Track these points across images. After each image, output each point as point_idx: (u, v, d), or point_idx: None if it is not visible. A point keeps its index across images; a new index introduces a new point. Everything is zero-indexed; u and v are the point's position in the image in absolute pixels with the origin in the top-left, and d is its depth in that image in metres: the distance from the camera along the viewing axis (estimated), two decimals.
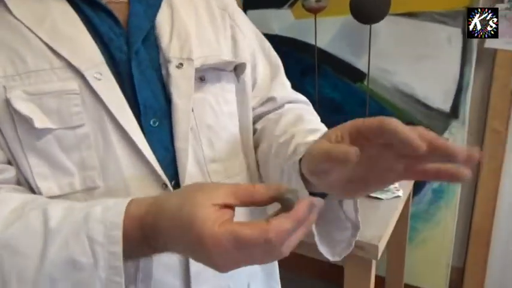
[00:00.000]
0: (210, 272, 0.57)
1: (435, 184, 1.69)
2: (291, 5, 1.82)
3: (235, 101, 0.65)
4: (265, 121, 0.70)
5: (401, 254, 1.71)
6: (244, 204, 0.39)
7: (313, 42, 1.66)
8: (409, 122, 1.65)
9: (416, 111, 1.65)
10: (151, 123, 0.53)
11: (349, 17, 1.52)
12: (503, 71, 1.44)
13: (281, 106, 0.71)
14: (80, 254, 0.39)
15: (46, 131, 0.48)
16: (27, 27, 0.48)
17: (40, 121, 0.47)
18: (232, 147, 0.62)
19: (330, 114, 1.85)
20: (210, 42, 0.60)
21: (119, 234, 0.39)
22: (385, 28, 1.60)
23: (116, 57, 0.52)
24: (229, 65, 0.61)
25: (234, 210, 0.39)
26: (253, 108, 0.70)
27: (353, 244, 0.57)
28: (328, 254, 0.58)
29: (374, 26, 1.52)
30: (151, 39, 0.55)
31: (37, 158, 0.48)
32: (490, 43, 1.43)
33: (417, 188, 1.69)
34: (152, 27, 0.56)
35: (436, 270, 1.79)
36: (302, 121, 0.64)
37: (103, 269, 0.39)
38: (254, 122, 0.70)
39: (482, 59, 1.49)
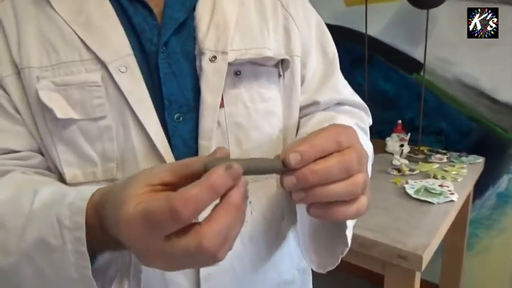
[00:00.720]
0: (223, 276, 0.53)
1: (500, 187, 1.52)
2: None
3: (278, 98, 0.59)
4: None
5: (458, 262, 1.55)
6: (183, 178, 0.35)
7: (364, 31, 1.56)
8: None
9: (480, 105, 1.49)
10: (175, 118, 0.51)
11: (404, 2, 1.40)
12: None
13: (325, 109, 0.65)
14: (51, 236, 0.40)
15: (70, 122, 0.49)
16: (64, 20, 0.49)
17: (62, 112, 0.48)
18: (263, 148, 0.57)
19: (382, 108, 1.73)
20: (253, 33, 0.56)
21: (81, 219, 0.38)
22: (445, 13, 1.44)
23: (146, 49, 0.51)
24: (269, 60, 0.55)
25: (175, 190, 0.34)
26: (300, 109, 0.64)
27: (339, 260, 0.52)
28: (313, 263, 0.53)
29: (432, 11, 1.38)
30: (188, 30, 0.53)
31: (64, 146, 0.50)
32: None
33: (479, 191, 1.53)
34: (190, 17, 0.53)
35: (498, 281, 1.61)
36: (321, 124, 0.56)
37: (71, 252, 0.39)
38: None
39: None
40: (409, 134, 1.50)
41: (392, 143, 1.51)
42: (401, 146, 1.48)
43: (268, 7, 0.58)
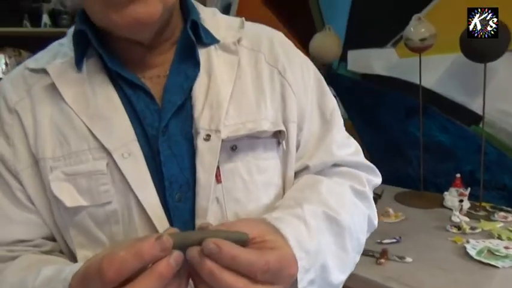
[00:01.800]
0: None
1: None
2: (395, 44, 1.73)
3: (275, 168, 0.60)
4: None
5: None
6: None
7: (418, 82, 1.55)
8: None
9: None
10: (176, 198, 0.54)
11: (459, 55, 1.39)
12: None
13: (317, 173, 0.64)
14: None
15: (80, 209, 0.53)
16: (75, 112, 0.54)
17: (71, 201, 0.52)
18: None
19: (438, 160, 1.67)
20: (249, 105, 0.58)
21: None
22: (504, 65, 1.41)
23: (148, 133, 0.54)
24: (264, 133, 0.57)
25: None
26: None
27: None
28: None
29: (490, 63, 1.35)
30: (186, 110, 0.56)
31: (76, 230, 0.54)
32: None
33: None
34: (188, 98, 0.56)
35: None
36: (303, 190, 0.58)
37: None
38: None
39: None
40: (469, 189, 1.43)
41: (451, 197, 1.45)
42: (461, 201, 1.41)
43: (265, 76, 0.60)
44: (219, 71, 0.57)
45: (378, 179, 0.70)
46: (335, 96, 1.98)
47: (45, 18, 2.45)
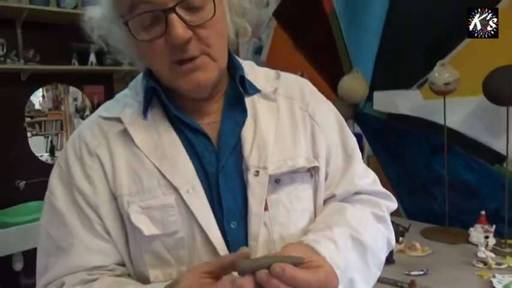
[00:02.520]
0: None
1: None
2: (420, 86, 1.84)
3: (309, 197, 0.70)
4: None
5: None
6: (220, 269, 0.52)
7: (443, 122, 1.64)
8: None
9: None
10: (232, 225, 0.63)
11: (482, 97, 1.48)
12: None
13: (342, 200, 0.74)
14: None
15: (154, 237, 0.62)
16: (145, 155, 0.64)
17: (148, 230, 0.61)
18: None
19: (463, 197, 1.73)
20: (287, 146, 0.68)
21: None
22: None
23: (207, 170, 0.64)
24: (301, 169, 0.68)
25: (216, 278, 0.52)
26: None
27: None
28: None
29: None
30: (237, 150, 0.66)
31: (150, 254, 0.63)
32: None
33: None
34: (238, 140, 0.67)
35: None
36: (331, 216, 0.68)
37: None
38: None
39: None
40: (494, 226, 1.48)
41: (477, 234, 1.49)
42: (487, 237, 1.46)
43: (298, 119, 0.71)
44: (263, 116, 0.68)
45: (394, 205, 0.79)
46: (361, 134, 2.12)
47: (92, 57, 2.68)
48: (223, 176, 0.64)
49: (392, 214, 0.79)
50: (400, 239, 1.51)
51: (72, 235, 0.63)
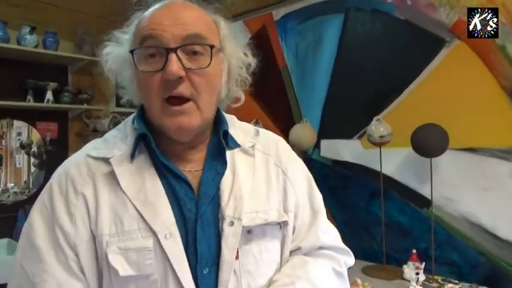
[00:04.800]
0: None
1: None
2: (360, 137, 2.08)
3: (278, 249, 0.75)
4: None
5: None
6: None
7: (379, 169, 1.85)
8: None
9: (484, 241, 1.68)
10: (204, 271, 0.67)
11: (412, 149, 1.72)
12: None
13: (305, 254, 0.79)
14: None
15: (129, 278, 0.64)
16: (128, 197, 0.67)
17: (124, 271, 0.63)
18: None
19: (398, 237, 1.92)
20: (261, 199, 0.73)
21: None
22: (446, 160, 1.74)
23: (186, 216, 0.68)
24: (272, 222, 0.73)
25: None
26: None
27: None
28: None
29: (435, 158, 1.68)
30: (215, 199, 0.71)
31: None
32: None
33: None
34: (217, 190, 0.71)
35: None
36: (295, 268, 0.74)
37: None
38: None
39: None
40: (424, 263, 1.67)
41: (409, 270, 1.68)
42: (417, 274, 1.64)
43: (272, 174, 0.77)
44: (241, 170, 0.74)
45: (351, 260, 0.86)
46: None
47: (49, 95, 2.68)
48: (201, 223, 0.68)
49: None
50: None
51: (46, 272, 0.64)
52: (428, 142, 1.63)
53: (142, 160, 0.70)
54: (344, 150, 2.15)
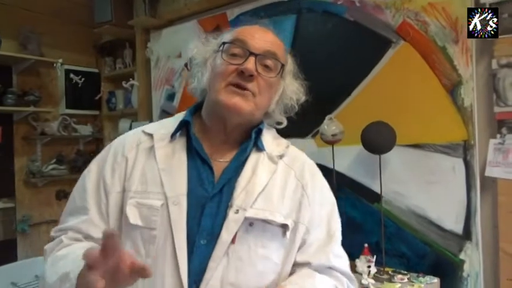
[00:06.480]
0: None
1: None
2: (314, 136, 2.12)
3: (277, 250, 0.81)
4: None
5: None
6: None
7: (332, 166, 1.90)
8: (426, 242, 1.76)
9: (430, 232, 1.76)
10: (202, 242, 0.76)
11: (362, 146, 1.78)
12: (506, 197, 1.57)
13: (314, 269, 0.84)
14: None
15: (136, 227, 0.78)
16: (158, 166, 0.81)
17: (134, 219, 0.78)
18: (253, 282, 0.77)
19: (351, 232, 1.97)
20: (272, 201, 0.81)
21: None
22: (394, 156, 1.82)
23: (200, 193, 0.80)
24: (273, 222, 0.80)
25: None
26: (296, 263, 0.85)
27: None
28: None
29: (384, 154, 1.75)
30: (230, 188, 0.81)
31: (129, 241, 0.78)
32: (489, 172, 1.60)
33: None
34: (236, 179, 0.82)
35: None
36: (304, 278, 0.81)
37: None
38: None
39: (486, 186, 1.64)
40: (375, 256, 1.73)
41: (361, 264, 1.73)
42: (369, 267, 1.69)
43: (291, 185, 0.85)
44: (260, 171, 0.83)
45: (353, 286, 0.90)
46: None
47: None
48: (211, 202, 0.79)
49: None
50: None
51: (86, 208, 0.82)
52: (377, 139, 1.69)
53: (180, 142, 0.85)
54: (299, 148, 2.18)
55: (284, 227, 0.81)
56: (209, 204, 0.79)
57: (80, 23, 3.06)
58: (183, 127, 0.86)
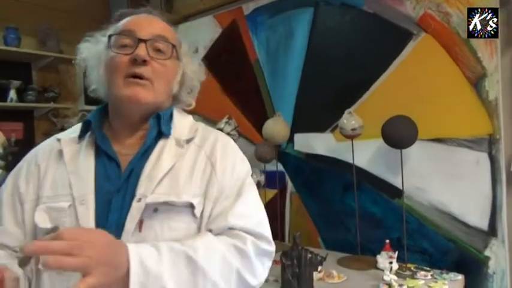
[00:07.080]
0: None
1: None
2: (332, 130, 2.09)
3: (187, 230, 0.79)
4: None
5: None
6: None
7: (352, 161, 1.87)
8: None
9: (454, 228, 1.73)
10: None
11: (382, 140, 1.75)
12: None
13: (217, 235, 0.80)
14: None
15: (46, 230, 0.79)
16: (67, 170, 0.83)
17: (43, 224, 0.80)
18: None
19: (371, 228, 1.96)
20: (179, 185, 0.80)
21: None
22: (416, 151, 1.78)
23: (109, 189, 0.81)
24: (176, 203, 0.79)
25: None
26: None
27: None
28: None
29: (405, 149, 1.72)
30: (137, 177, 0.81)
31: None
32: None
33: None
34: (142, 169, 0.81)
35: None
36: (193, 239, 0.77)
37: None
38: None
39: None
40: (397, 252, 1.71)
41: (383, 260, 1.71)
42: (391, 263, 1.67)
43: (199, 164, 0.84)
44: (166, 157, 0.83)
45: (268, 247, 0.83)
46: (284, 172, 2.31)
47: (12, 94, 2.58)
48: (117, 196, 0.80)
49: (313, 245, 0.90)
50: (319, 268, 1.66)
51: (1, 217, 0.85)
52: (399, 134, 1.66)
53: (87, 142, 0.87)
54: (317, 143, 2.16)
55: (191, 206, 0.80)
56: (115, 198, 0.80)
57: (97, 19, 3.08)
58: (89, 127, 0.88)
